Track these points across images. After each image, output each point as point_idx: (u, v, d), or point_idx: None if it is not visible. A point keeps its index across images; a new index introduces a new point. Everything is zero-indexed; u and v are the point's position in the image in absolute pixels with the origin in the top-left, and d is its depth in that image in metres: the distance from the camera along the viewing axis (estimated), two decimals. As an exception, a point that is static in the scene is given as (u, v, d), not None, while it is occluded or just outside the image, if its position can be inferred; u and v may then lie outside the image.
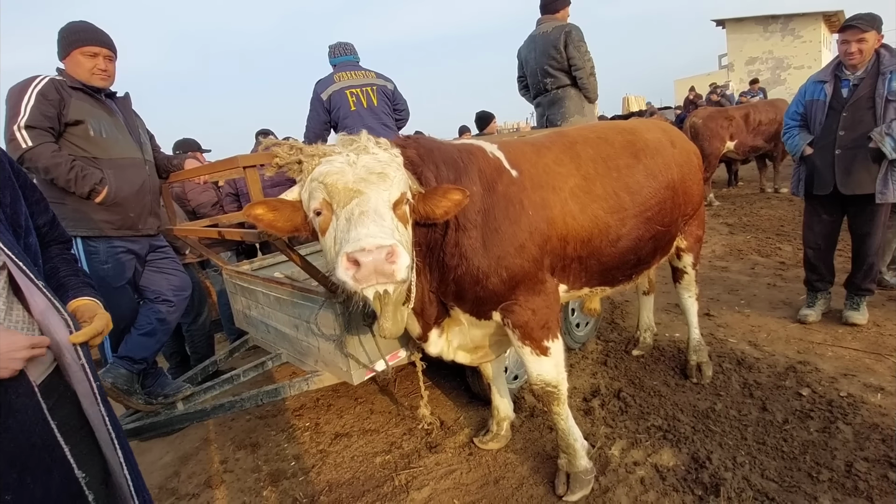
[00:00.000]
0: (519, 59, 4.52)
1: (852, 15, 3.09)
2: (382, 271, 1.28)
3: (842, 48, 3.10)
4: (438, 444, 2.66)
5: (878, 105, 2.99)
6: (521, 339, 1.96)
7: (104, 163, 2.33)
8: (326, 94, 3.73)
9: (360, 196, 1.42)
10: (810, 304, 3.59)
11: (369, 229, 1.32)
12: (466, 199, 1.62)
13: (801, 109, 3.37)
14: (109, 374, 2.31)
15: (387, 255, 1.27)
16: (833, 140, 3.15)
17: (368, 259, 1.26)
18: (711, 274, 4.83)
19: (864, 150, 3.04)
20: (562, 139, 2.27)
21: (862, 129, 3.05)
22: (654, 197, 2.29)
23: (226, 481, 2.63)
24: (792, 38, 23.40)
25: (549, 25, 4.14)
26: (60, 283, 1.37)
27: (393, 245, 1.29)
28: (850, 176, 3.12)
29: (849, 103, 3.09)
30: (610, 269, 2.24)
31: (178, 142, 4.70)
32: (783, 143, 3.52)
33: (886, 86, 2.95)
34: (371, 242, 1.27)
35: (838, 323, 3.43)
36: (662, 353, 3.36)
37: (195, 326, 3.87)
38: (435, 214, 1.63)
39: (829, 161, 3.18)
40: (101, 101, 2.41)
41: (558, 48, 4.03)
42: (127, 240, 2.43)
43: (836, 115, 3.15)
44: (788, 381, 2.81)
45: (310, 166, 1.52)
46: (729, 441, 2.38)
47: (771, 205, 7.52)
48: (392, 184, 1.48)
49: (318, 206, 1.49)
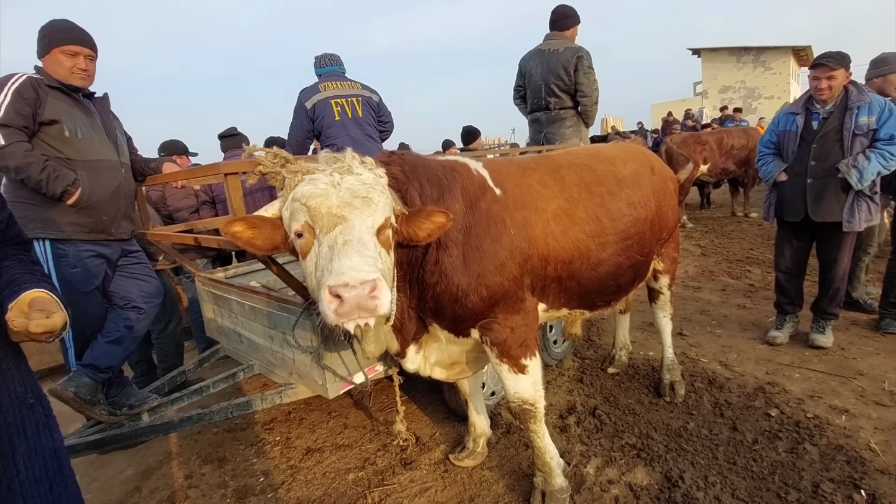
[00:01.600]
0: (521, 70, 4.47)
1: (822, 53, 3.23)
2: (365, 307, 1.25)
3: (813, 84, 3.24)
4: (413, 460, 2.62)
5: (845, 138, 3.14)
6: (499, 357, 1.96)
7: (78, 164, 2.26)
8: (311, 102, 3.70)
9: (343, 223, 1.39)
10: (779, 326, 3.69)
11: (353, 261, 1.29)
12: (450, 222, 1.61)
13: (775, 138, 3.50)
14: (72, 382, 2.21)
15: (370, 291, 1.25)
16: (805, 169, 3.28)
17: (351, 294, 1.24)
18: (684, 294, 4.94)
19: (833, 179, 3.17)
20: (547, 162, 2.30)
21: (831, 160, 3.18)
22: (633, 226, 2.33)
23: (190, 497, 2.53)
24: (763, 69, 24.53)
25: (561, 44, 4.16)
26: (12, 279, 1.29)
27: (376, 280, 1.27)
28: (821, 204, 3.24)
29: (819, 135, 3.23)
30: (589, 292, 2.27)
31: (164, 143, 4.59)
32: (757, 169, 3.64)
33: (854, 120, 3.10)
34: (355, 277, 1.25)
35: (805, 345, 3.54)
36: (637, 372, 3.40)
37: (165, 334, 3.74)
38: (418, 237, 1.61)
39: (800, 189, 3.31)
40: (78, 101, 2.34)
41: (568, 71, 4.08)
42: (98, 244, 2.35)
43: (807, 145, 3.28)
44: (758, 402, 2.88)
45: (292, 183, 1.48)
46: (701, 460, 2.41)
47: (741, 228, 7.77)
48: (376, 209, 1.45)
49: (300, 229, 1.46)
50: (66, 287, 2.22)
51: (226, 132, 4.94)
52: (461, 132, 6.93)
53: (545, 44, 4.27)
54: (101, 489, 2.68)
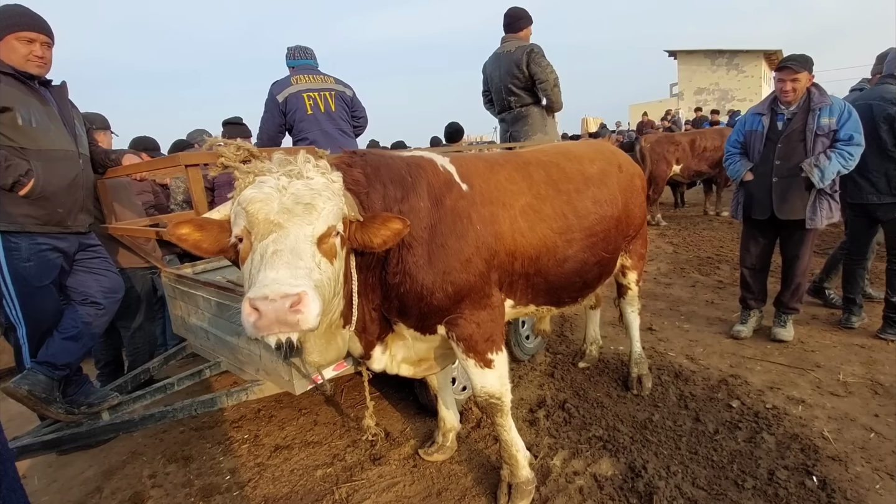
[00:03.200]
0: (484, 75, 4.60)
1: (787, 56, 3.33)
2: (285, 321, 1.19)
3: (778, 86, 3.33)
4: (382, 456, 2.61)
5: (808, 138, 3.25)
6: (466, 352, 1.96)
7: (32, 154, 2.18)
8: (282, 96, 3.65)
9: (279, 231, 1.32)
10: (743, 321, 3.80)
11: (278, 273, 1.23)
12: (407, 228, 1.56)
13: (741, 139, 3.59)
14: (26, 380, 2.14)
15: (291, 305, 1.18)
16: (770, 169, 3.38)
17: (270, 308, 1.17)
18: (656, 290, 5.04)
19: (797, 178, 3.28)
20: (516, 158, 2.31)
21: (795, 159, 3.29)
22: (600, 223, 2.36)
23: (153, 497, 2.47)
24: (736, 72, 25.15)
25: (513, 45, 4.25)
26: None
27: (301, 293, 1.20)
28: (786, 202, 3.34)
29: (783, 135, 3.33)
30: (556, 288, 2.29)
31: (136, 139, 4.42)
32: (726, 168, 3.71)
33: (816, 121, 3.21)
34: (275, 290, 1.18)
35: (768, 339, 3.65)
36: (607, 366, 3.46)
37: (137, 332, 3.58)
38: (373, 244, 1.56)
39: (766, 188, 3.40)
40: (33, 88, 2.26)
41: (521, 68, 4.14)
42: (53, 237, 2.27)
43: (772, 145, 3.38)
44: (720, 394, 2.96)
45: (242, 184, 1.42)
46: (664, 451, 2.47)
47: (712, 227, 7.97)
48: (319, 216, 1.38)
49: (240, 233, 1.41)
50: (18, 281, 2.14)
51: (231, 119, 4.79)
52: (445, 130, 6.91)
53: (501, 47, 4.37)
54: (59, 490, 2.60)
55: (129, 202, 3.53)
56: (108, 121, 4.28)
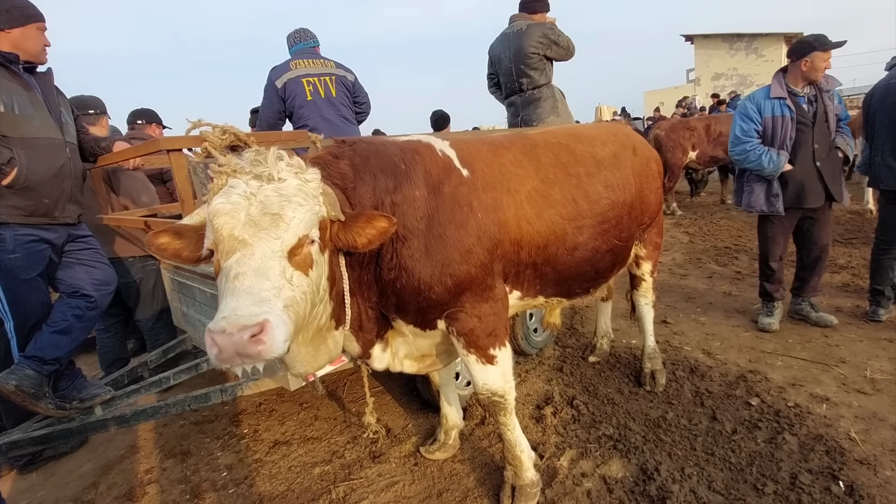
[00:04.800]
0: (490, 57, 4.39)
1: (823, 35, 3.20)
2: (245, 353, 1.11)
3: (824, 65, 3.17)
4: (383, 453, 2.53)
5: (831, 119, 3.26)
6: (467, 347, 1.85)
7: (15, 142, 2.09)
8: (281, 81, 3.54)
9: (243, 249, 1.23)
10: (770, 313, 3.62)
11: (238, 301, 1.15)
12: (393, 227, 1.46)
13: (759, 126, 3.33)
14: (14, 375, 2.08)
15: (251, 336, 1.10)
16: (812, 153, 3.27)
17: (228, 343, 1.10)
18: (671, 281, 4.87)
19: (832, 160, 3.29)
20: (522, 140, 2.17)
21: (826, 141, 3.28)
22: (612, 209, 2.22)
23: (148, 493, 2.42)
24: (755, 56, 24.42)
25: (524, 23, 4.05)
26: None
27: (262, 321, 1.12)
28: (835, 184, 3.33)
29: (816, 117, 3.26)
30: (566, 278, 2.16)
31: (136, 111, 4.26)
32: (747, 162, 3.37)
33: (832, 102, 3.26)
34: (233, 322, 1.11)
35: (788, 332, 3.48)
36: (618, 360, 3.32)
37: (159, 324, 3.49)
38: (357, 244, 1.45)
39: (813, 173, 3.29)
40: (17, 73, 2.18)
41: (537, 47, 3.97)
42: (40, 228, 2.19)
43: (808, 129, 3.26)
44: (739, 391, 2.81)
45: (214, 187, 1.32)
46: (678, 451, 2.34)
47: (730, 216, 7.71)
48: (288, 227, 1.27)
49: (210, 246, 1.32)
50: (4, 274, 2.08)
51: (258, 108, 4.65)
52: (430, 117, 6.70)
53: (510, 27, 4.16)
54: (56, 485, 2.56)
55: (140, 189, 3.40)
56: (158, 115, 4.14)
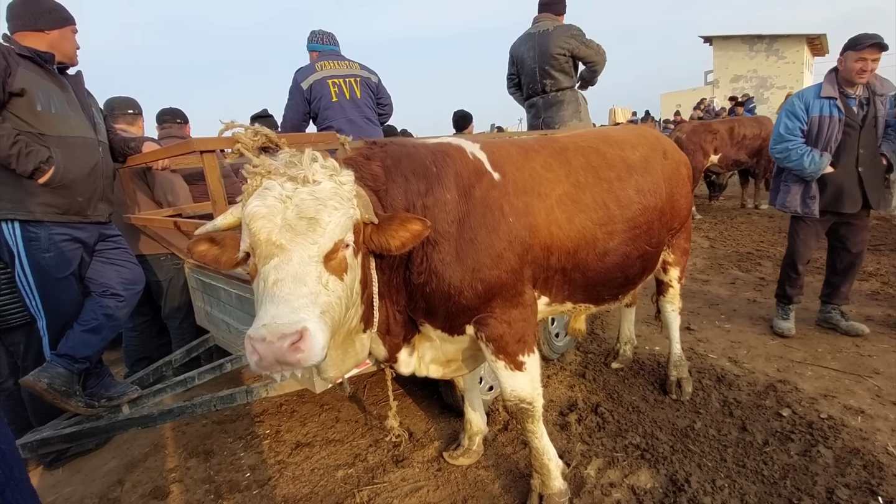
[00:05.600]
0: (512, 57, 4.34)
1: (867, 34, 3.04)
2: (285, 361, 1.12)
3: (857, 65, 3.03)
4: (406, 457, 2.51)
5: (880, 125, 3.15)
6: (496, 353, 1.82)
7: (51, 140, 2.12)
8: (307, 83, 3.55)
9: (281, 254, 1.23)
10: (785, 317, 3.60)
11: (278, 309, 1.15)
12: (427, 230, 1.44)
13: (804, 126, 3.22)
14: (46, 373, 2.10)
15: (290, 344, 1.11)
16: (856, 158, 3.18)
17: (268, 351, 1.11)
18: (692, 287, 4.78)
19: (876, 167, 3.19)
20: (552, 144, 2.14)
21: (872, 146, 3.18)
22: (643, 214, 2.19)
23: (173, 492, 2.43)
24: (776, 58, 23.98)
25: (550, 24, 4.02)
26: None
27: (301, 329, 1.13)
28: (876, 192, 3.23)
29: (865, 121, 3.16)
30: (595, 284, 2.13)
31: (164, 109, 4.35)
32: (788, 161, 3.26)
33: (886, 107, 3.11)
34: (273, 331, 1.11)
35: (818, 341, 3.39)
36: (642, 367, 3.26)
37: (186, 323, 3.49)
38: (390, 247, 1.44)
39: (854, 178, 3.21)
40: (52, 73, 2.21)
41: (563, 49, 3.94)
42: (73, 226, 2.22)
43: (854, 133, 3.17)
44: (768, 401, 2.74)
45: (249, 188, 1.32)
46: (708, 462, 2.29)
47: (751, 220, 7.57)
48: (324, 233, 1.27)
49: (247, 249, 1.33)
50: (38, 273, 2.10)
51: (259, 113, 4.74)
52: (453, 117, 6.66)
53: (534, 27, 4.12)
54: (83, 482, 2.59)
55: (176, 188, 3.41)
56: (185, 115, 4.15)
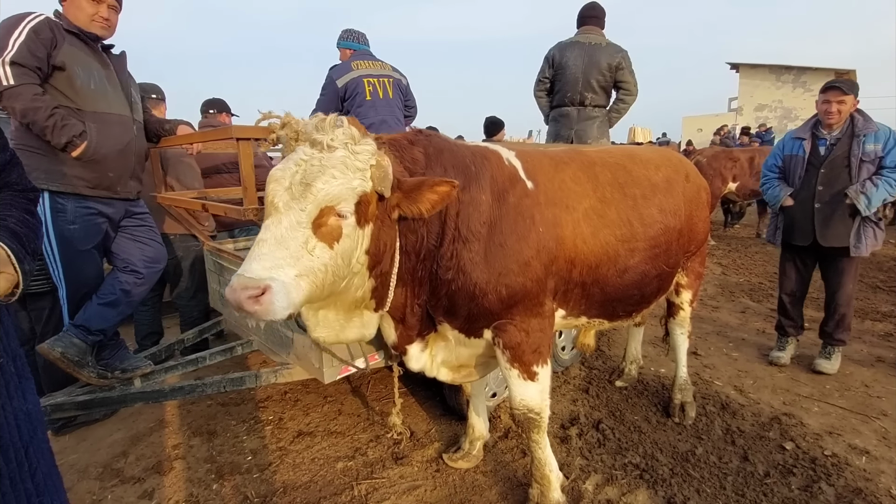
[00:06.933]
0: (551, 60, 4.12)
1: (834, 79, 3.28)
2: (244, 310, 1.26)
3: (823, 107, 3.24)
4: (405, 455, 2.53)
5: (853, 165, 3.18)
6: (511, 361, 1.85)
7: (88, 115, 2.17)
8: (342, 81, 3.59)
9: (275, 215, 1.36)
10: (781, 347, 3.67)
11: (251, 265, 1.28)
12: (455, 190, 1.50)
13: (780, 163, 3.49)
14: (60, 342, 2.15)
15: (249, 297, 1.24)
16: (812, 194, 3.29)
17: (232, 297, 1.26)
18: (702, 312, 4.76)
19: (841, 205, 3.21)
20: (581, 157, 2.16)
21: (839, 185, 3.22)
22: (663, 234, 2.20)
23: (175, 469, 2.47)
24: (802, 90, 23.73)
25: (602, 39, 3.99)
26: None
27: (264, 286, 1.25)
28: (829, 229, 3.26)
29: (826, 161, 3.25)
30: (612, 300, 2.14)
31: (209, 100, 4.48)
32: (763, 193, 3.59)
33: (861, 147, 3.15)
34: (241, 282, 1.25)
35: (826, 377, 3.37)
36: (646, 388, 3.26)
37: (194, 302, 3.59)
38: (421, 210, 1.50)
39: (808, 213, 3.31)
40: (96, 50, 2.26)
41: (612, 67, 3.94)
42: (100, 201, 2.26)
43: (814, 170, 3.30)
44: (772, 433, 2.72)
45: (288, 148, 1.45)
46: (707, 489, 2.28)
47: (765, 251, 7.51)
48: (314, 198, 1.34)
49: None
50: (62, 243, 2.15)
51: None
52: (484, 122, 6.70)
53: (584, 37, 4.02)
54: (88, 450, 2.63)
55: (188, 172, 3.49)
56: (227, 105, 4.35)
